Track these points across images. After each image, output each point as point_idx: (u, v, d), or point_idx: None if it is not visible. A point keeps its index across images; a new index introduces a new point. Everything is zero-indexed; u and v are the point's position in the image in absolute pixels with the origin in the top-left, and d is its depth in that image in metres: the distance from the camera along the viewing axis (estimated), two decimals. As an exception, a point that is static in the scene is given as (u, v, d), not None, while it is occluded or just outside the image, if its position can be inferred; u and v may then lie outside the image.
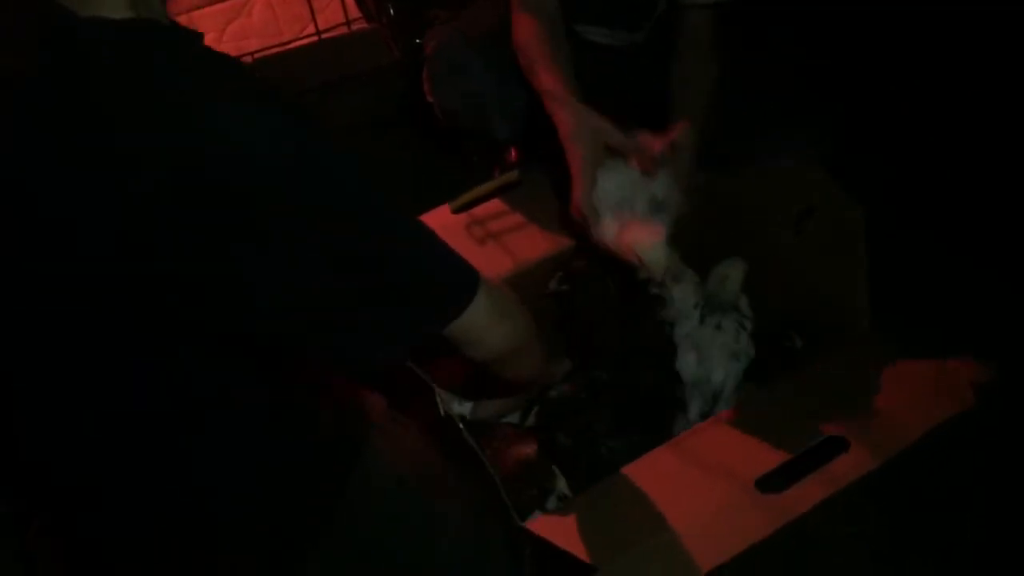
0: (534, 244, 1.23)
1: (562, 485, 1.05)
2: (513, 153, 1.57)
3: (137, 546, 0.80)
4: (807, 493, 0.85)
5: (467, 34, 1.36)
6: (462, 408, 1.12)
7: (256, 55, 1.90)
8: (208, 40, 0.65)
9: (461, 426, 0.86)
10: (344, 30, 1.97)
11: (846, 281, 1.11)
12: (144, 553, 0.80)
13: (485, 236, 1.24)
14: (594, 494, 0.91)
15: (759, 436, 0.94)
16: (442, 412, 0.87)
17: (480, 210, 1.28)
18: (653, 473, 0.93)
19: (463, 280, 0.77)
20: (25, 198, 0.62)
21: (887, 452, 0.88)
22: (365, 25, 1.99)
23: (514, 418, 1.19)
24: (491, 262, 1.20)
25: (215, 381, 0.73)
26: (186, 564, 0.80)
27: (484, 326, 0.80)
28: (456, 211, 1.27)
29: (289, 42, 1.95)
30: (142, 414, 0.72)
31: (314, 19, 1.94)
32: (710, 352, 1.15)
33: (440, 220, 1.26)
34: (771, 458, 0.90)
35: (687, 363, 1.16)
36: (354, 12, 1.99)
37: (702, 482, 0.90)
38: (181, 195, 0.60)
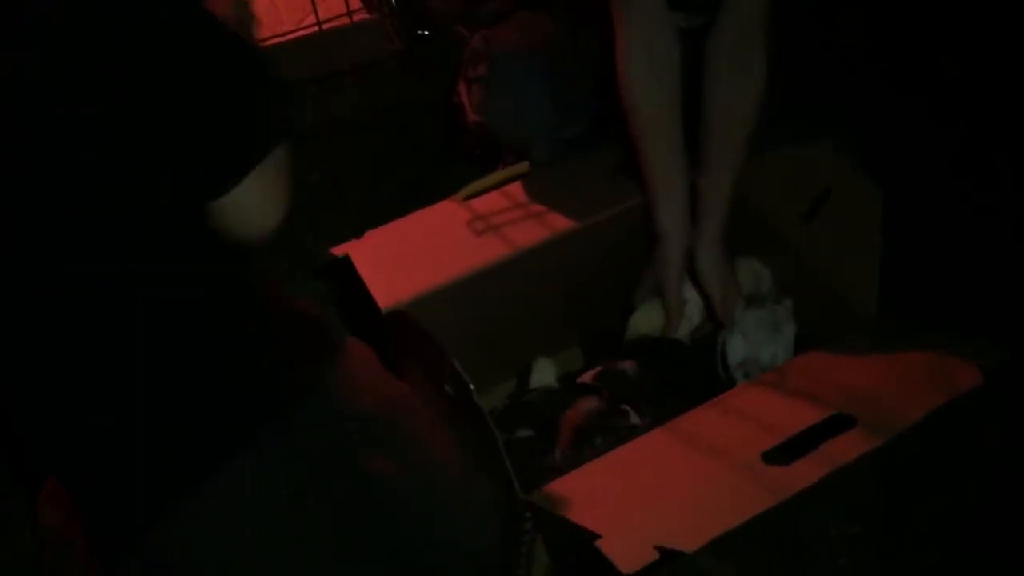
0: (536, 232, 1.23)
1: (634, 419, 1.04)
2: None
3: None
4: (810, 468, 0.87)
5: (526, 51, 1.24)
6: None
7: (257, 45, 1.90)
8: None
9: (472, 387, 0.86)
10: (345, 20, 1.98)
11: (861, 265, 1.14)
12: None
13: (486, 229, 1.24)
14: (598, 466, 0.94)
15: (766, 415, 0.97)
16: (454, 369, 0.88)
17: (485, 204, 1.27)
18: (654, 448, 0.96)
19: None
20: None
21: (890, 431, 0.91)
22: (366, 15, 2.00)
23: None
24: (492, 248, 1.20)
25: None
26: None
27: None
28: (466, 199, 1.27)
29: (289, 32, 1.96)
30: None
31: (315, 9, 1.94)
32: (756, 335, 1.19)
33: (445, 212, 1.26)
34: (777, 435, 0.93)
35: (735, 346, 1.20)
36: (355, 2, 1.99)
37: (705, 457, 0.92)
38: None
